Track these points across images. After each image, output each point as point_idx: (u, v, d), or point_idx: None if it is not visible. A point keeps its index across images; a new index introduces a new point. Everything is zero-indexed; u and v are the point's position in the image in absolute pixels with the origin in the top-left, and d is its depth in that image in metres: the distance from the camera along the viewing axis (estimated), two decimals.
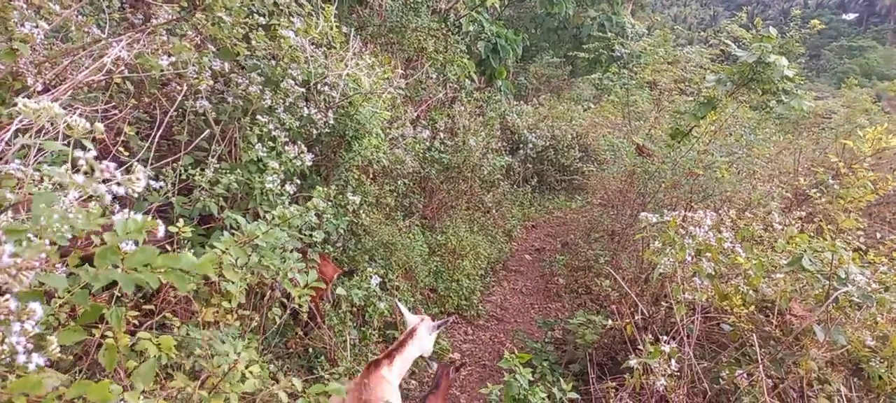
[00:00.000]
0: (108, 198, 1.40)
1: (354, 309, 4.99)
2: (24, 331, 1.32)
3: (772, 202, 6.71)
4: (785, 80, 7.10)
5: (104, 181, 1.42)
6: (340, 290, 4.28)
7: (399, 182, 6.66)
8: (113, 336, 1.77)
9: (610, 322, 4.61)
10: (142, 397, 1.55)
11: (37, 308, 1.34)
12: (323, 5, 5.39)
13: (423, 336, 3.81)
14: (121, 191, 1.44)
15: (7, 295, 1.28)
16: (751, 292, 4.36)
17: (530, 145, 11.51)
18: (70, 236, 1.36)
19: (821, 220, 5.09)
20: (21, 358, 1.28)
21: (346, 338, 4.69)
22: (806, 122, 13.56)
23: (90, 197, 1.43)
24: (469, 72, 9.48)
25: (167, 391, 1.70)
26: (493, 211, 9.22)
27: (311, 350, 4.57)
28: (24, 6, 3.53)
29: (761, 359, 3.81)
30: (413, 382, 5.22)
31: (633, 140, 8.38)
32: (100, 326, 1.93)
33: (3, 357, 1.30)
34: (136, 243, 1.45)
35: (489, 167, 8.95)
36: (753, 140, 8.48)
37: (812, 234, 4.75)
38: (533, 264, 8.82)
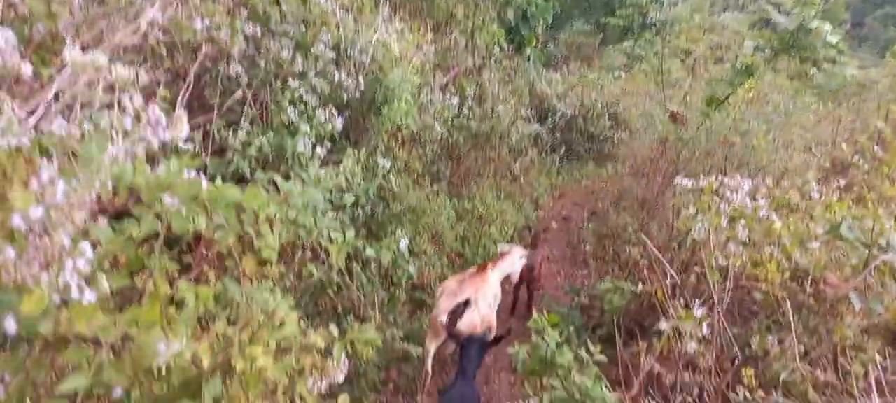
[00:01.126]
0: (156, 142, 1.44)
1: (383, 272, 5.06)
2: (77, 270, 1.38)
3: (809, 171, 6.53)
4: (827, 47, 6.84)
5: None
6: (370, 252, 4.34)
7: (427, 148, 6.67)
8: (154, 285, 1.83)
9: (639, 287, 4.58)
10: (186, 339, 1.61)
11: (87, 247, 1.40)
12: None
13: (515, 259, 5.40)
14: (166, 136, 1.47)
15: (62, 233, 1.33)
16: (785, 260, 4.28)
17: (559, 114, 11.36)
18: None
19: (862, 188, 4.94)
20: (75, 294, 1.34)
21: (374, 299, 4.78)
22: (847, 92, 13.07)
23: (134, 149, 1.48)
24: (498, 39, 9.37)
25: (209, 336, 1.77)
26: (521, 179, 9.18)
27: (340, 309, 4.66)
28: None
29: (794, 327, 3.76)
30: None
31: (667, 107, 8.20)
32: (141, 275, 2.00)
33: (58, 293, 1.36)
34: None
35: (517, 135, 8.89)
36: (791, 108, 8.24)
37: (851, 203, 4.61)
38: (560, 232, 8.79)
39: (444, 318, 4.24)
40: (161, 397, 1.92)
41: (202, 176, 1.63)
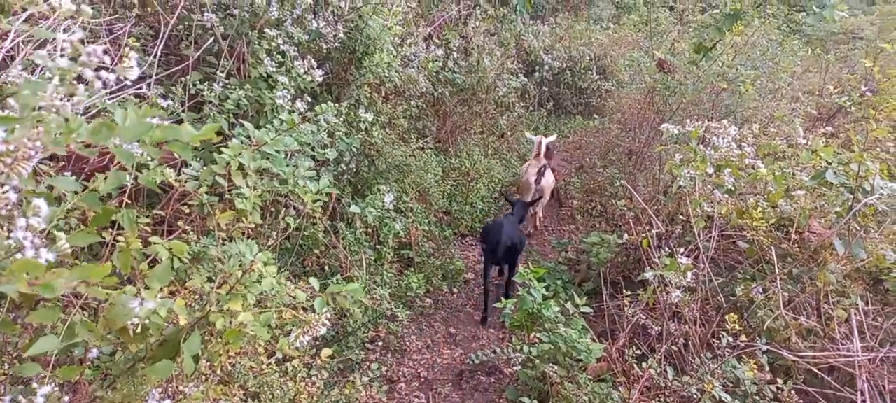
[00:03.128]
0: (99, 84, 1.34)
1: (369, 229, 5.01)
2: (31, 227, 1.30)
3: (796, 119, 6.50)
4: None
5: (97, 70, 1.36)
6: (354, 208, 4.27)
7: (412, 103, 6.53)
8: (125, 240, 1.76)
9: (624, 238, 4.58)
10: (159, 296, 1.55)
11: (42, 204, 1.31)
12: None
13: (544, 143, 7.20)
14: (111, 77, 1.37)
15: (6, 187, 1.25)
16: (770, 209, 4.27)
17: (546, 67, 11.18)
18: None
19: (849, 132, 4.92)
20: (29, 253, 1.26)
21: (361, 257, 4.73)
22: (835, 39, 12.99)
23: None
24: None
25: (184, 292, 1.72)
26: (508, 134, 9.08)
27: (327, 267, 4.61)
28: None
29: (778, 275, 3.78)
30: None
31: (654, 54, 8.09)
32: (111, 231, 1.93)
33: (10, 251, 1.29)
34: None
35: (504, 89, 8.74)
36: (779, 55, 8.16)
37: (838, 149, 4.60)
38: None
39: (533, 178, 6.38)
40: (139, 356, 1.88)
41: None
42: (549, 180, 6.69)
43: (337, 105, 4.32)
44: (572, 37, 12.25)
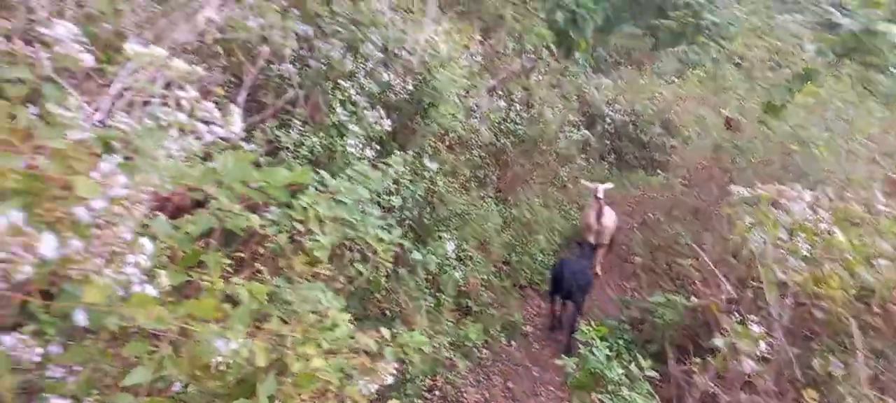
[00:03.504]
0: (209, 137, 1.44)
1: (429, 276, 5.04)
2: (138, 264, 1.39)
3: (875, 184, 6.18)
4: (894, 51, 6.48)
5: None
6: (417, 256, 4.32)
7: (474, 152, 6.62)
8: (211, 280, 1.85)
9: (692, 301, 4.42)
10: (241, 337, 1.61)
11: (147, 243, 1.41)
12: None
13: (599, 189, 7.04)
14: (220, 132, 1.47)
15: (122, 227, 1.34)
16: (848, 277, 4.04)
17: (608, 120, 11.14)
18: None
19: None
20: (136, 288, 1.35)
21: (421, 304, 4.75)
22: None
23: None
24: (546, 42, 9.25)
25: (262, 334, 1.77)
26: (569, 186, 9.03)
27: (387, 312, 4.66)
28: None
29: (860, 349, 3.54)
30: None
31: (722, 112, 7.93)
32: (197, 270, 2.03)
33: (120, 286, 1.37)
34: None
35: (565, 141, 8.75)
36: (854, 116, 7.82)
37: None
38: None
39: (593, 218, 6.79)
40: (217, 393, 1.94)
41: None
42: (610, 219, 6.95)
43: (403, 153, 4.44)
44: (635, 91, 12.18)
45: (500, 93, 7.72)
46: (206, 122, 1.43)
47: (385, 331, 1.88)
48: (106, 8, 3.17)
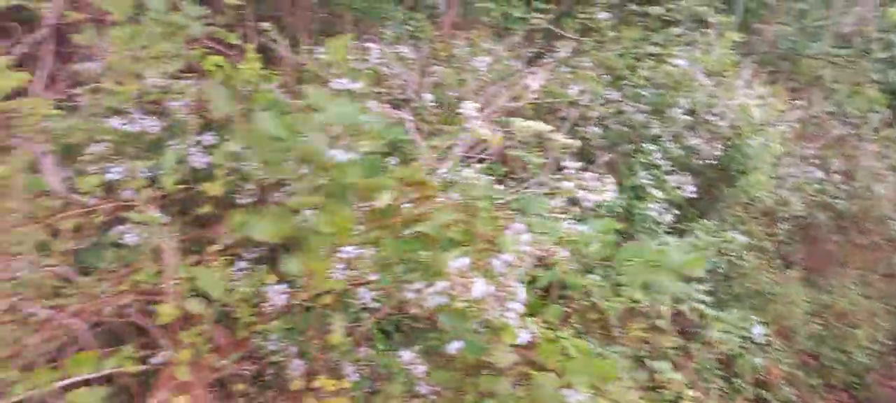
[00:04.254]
0: (588, 204, 1.57)
1: (722, 356, 4.60)
2: (513, 310, 1.57)
3: None
4: None
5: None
6: (716, 334, 4.00)
7: (781, 225, 5.91)
8: (553, 333, 1.99)
9: None
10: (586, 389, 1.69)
11: (521, 290, 1.59)
12: (723, 32, 5.18)
13: None
14: (595, 198, 1.59)
15: (509, 278, 1.54)
16: None
17: None
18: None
19: None
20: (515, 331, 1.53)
21: (710, 386, 4.36)
22: None
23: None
24: (876, 105, 7.88)
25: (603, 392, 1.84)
26: None
27: (666, 389, 4.37)
28: (464, 44, 4.36)
29: None
30: None
31: None
32: (536, 320, 2.21)
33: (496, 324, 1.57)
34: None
35: None
36: None
37: None
38: None
39: None
40: None
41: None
42: None
43: (708, 224, 4.21)
44: None
45: (817, 160, 6.79)
46: (583, 188, 1.57)
47: None
48: (453, 78, 3.75)
